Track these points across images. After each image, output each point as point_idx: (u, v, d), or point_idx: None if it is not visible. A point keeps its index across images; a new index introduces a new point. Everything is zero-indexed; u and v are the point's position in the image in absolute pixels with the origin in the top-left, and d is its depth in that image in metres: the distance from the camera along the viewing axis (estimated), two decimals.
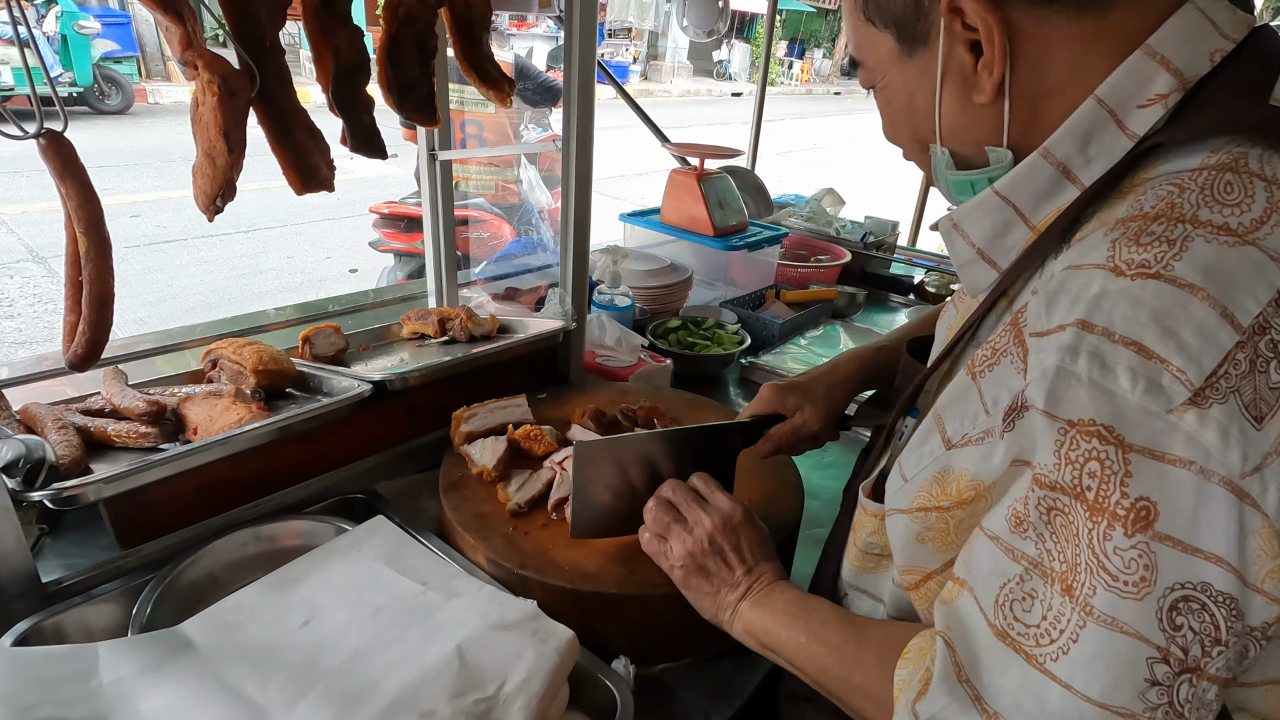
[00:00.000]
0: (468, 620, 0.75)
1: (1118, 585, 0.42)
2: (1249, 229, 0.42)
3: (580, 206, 1.20)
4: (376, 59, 1.09)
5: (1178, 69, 0.51)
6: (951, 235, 0.63)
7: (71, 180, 0.82)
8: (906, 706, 0.52)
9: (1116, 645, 0.42)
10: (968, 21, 0.54)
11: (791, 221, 2.36)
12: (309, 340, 1.23)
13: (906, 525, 0.59)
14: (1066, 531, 0.44)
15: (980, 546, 0.51)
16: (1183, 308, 0.41)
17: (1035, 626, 0.45)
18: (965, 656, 0.49)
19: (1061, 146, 0.54)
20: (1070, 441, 0.43)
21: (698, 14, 2.27)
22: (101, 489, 0.77)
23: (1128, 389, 0.41)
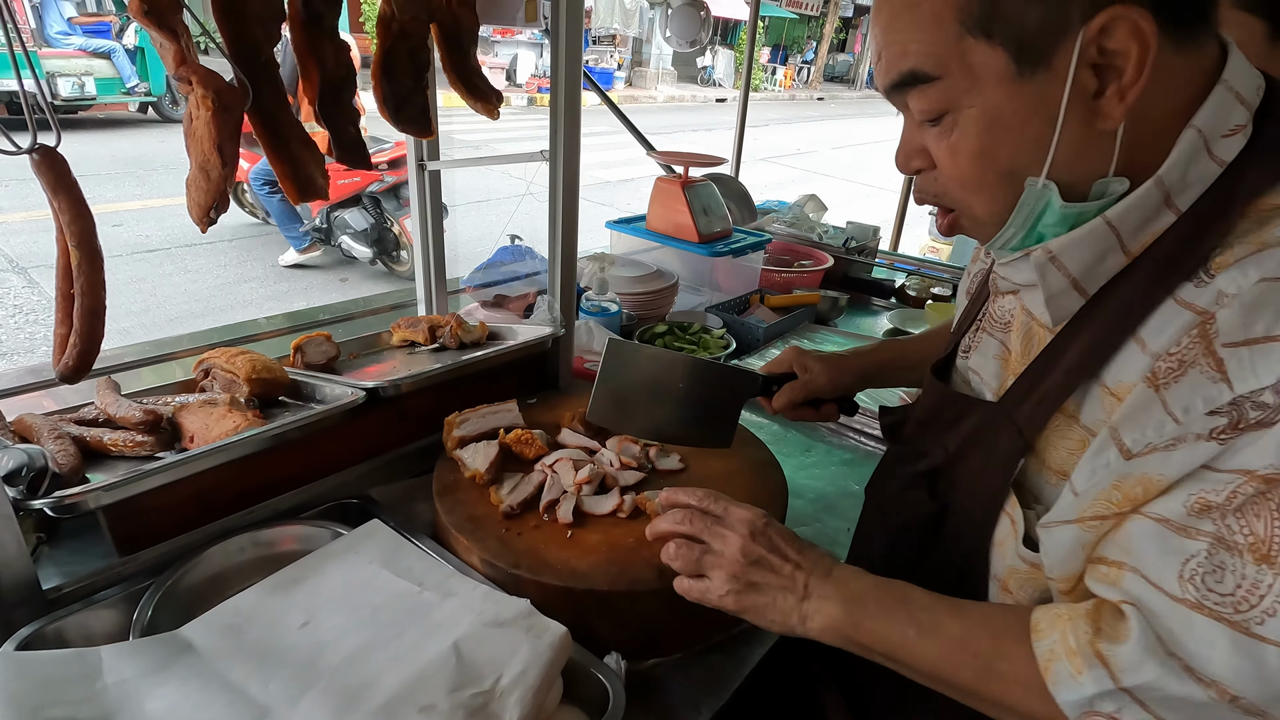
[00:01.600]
0: (463, 618, 0.78)
1: None
2: None
3: (568, 215, 1.23)
4: (371, 73, 1.11)
5: (1248, 101, 0.56)
6: (1046, 268, 0.61)
7: (64, 194, 0.83)
8: (1071, 674, 0.53)
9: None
10: (1108, 45, 0.52)
11: (775, 227, 2.41)
12: (300, 349, 1.24)
13: (1075, 535, 0.59)
14: (1259, 510, 0.48)
15: (1142, 529, 0.53)
16: None
17: (1230, 595, 0.48)
18: (1161, 627, 0.51)
19: (1171, 175, 0.56)
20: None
21: (680, 25, 2.32)
22: (101, 496, 0.78)
23: None
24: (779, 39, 21.70)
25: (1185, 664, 0.50)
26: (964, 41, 0.56)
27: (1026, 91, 0.55)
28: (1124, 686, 0.52)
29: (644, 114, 14.25)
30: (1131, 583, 0.53)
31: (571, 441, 1.10)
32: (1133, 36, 0.51)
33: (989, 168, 0.60)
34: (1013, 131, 0.57)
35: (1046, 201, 0.59)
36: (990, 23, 0.54)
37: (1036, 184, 0.58)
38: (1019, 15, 0.53)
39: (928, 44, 0.57)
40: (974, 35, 0.55)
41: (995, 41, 0.55)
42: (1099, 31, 0.52)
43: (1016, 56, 0.55)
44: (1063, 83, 0.54)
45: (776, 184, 8.34)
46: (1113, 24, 0.51)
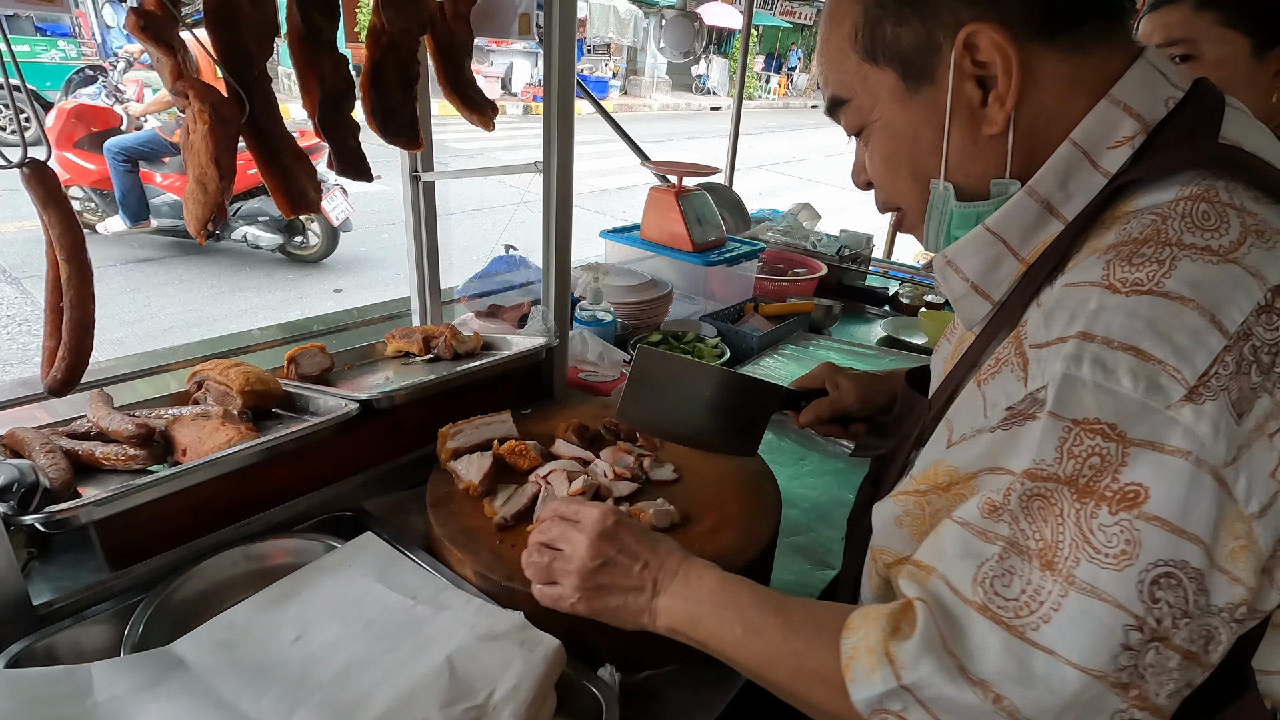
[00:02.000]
0: (457, 632, 0.77)
1: (1099, 558, 0.46)
2: (1229, 249, 0.48)
3: (561, 227, 1.24)
4: (360, 85, 1.12)
5: (1139, 114, 0.57)
6: (945, 271, 0.66)
7: (54, 209, 0.84)
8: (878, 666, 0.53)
9: (1096, 611, 0.46)
10: (979, 57, 0.58)
11: (769, 236, 2.42)
12: (294, 360, 1.24)
13: (890, 509, 0.63)
14: (1046, 514, 0.48)
15: (949, 533, 0.54)
16: (1175, 316, 0.46)
17: (1014, 599, 0.49)
18: (946, 627, 0.51)
19: (1044, 184, 0.59)
20: (1074, 439, 0.48)
21: (674, 36, 2.34)
22: (93, 511, 0.78)
23: (1130, 388, 0.46)
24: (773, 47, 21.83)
25: (960, 663, 0.50)
26: (862, 67, 0.64)
27: (917, 104, 0.62)
28: (904, 684, 0.51)
29: (639, 122, 14.31)
30: (934, 584, 0.54)
31: (565, 453, 1.10)
32: (995, 49, 0.57)
33: (897, 171, 0.67)
34: (910, 139, 0.64)
35: (949, 202, 0.64)
36: (875, 49, 0.62)
37: (938, 185, 0.64)
38: (896, 40, 0.61)
39: (838, 73, 0.66)
40: (868, 61, 0.63)
41: (883, 64, 0.63)
42: (965, 47, 0.58)
43: (903, 75, 0.62)
44: (945, 93, 0.60)
45: (771, 191, 8.38)
46: (974, 39, 0.57)
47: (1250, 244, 0.48)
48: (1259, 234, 0.48)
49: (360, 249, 5.62)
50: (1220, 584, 0.46)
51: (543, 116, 1.19)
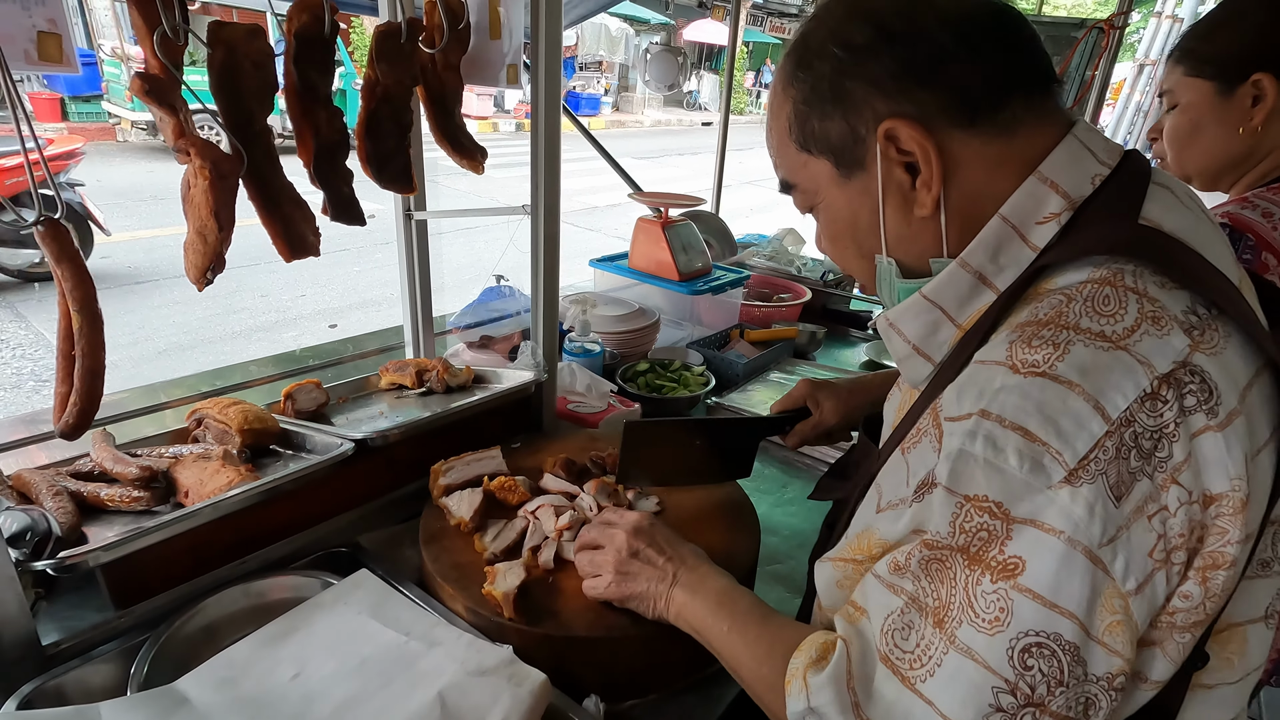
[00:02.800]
0: (448, 668, 0.81)
1: (977, 622, 0.50)
2: (1121, 336, 0.50)
3: (549, 267, 1.28)
4: (356, 134, 1.17)
5: (1065, 191, 0.59)
6: (889, 333, 0.69)
7: (67, 263, 0.88)
8: (798, 690, 0.60)
9: (968, 671, 0.50)
10: (902, 147, 0.61)
11: (754, 261, 2.47)
12: (291, 396, 1.28)
13: (830, 572, 0.67)
14: (942, 575, 0.52)
15: (869, 584, 0.59)
16: (1062, 400, 0.48)
17: (910, 653, 0.53)
18: (857, 667, 0.57)
19: (975, 257, 0.62)
20: (965, 514, 0.51)
21: (659, 70, 2.41)
22: (100, 556, 0.82)
23: (1015, 467, 0.48)
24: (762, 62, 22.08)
25: (856, 701, 0.56)
26: (800, 156, 0.69)
27: (852, 189, 0.66)
28: (811, 705, 0.58)
29: (631, 138, 14.44)
30: (864, 625, 0.59)
31: (553, 487, 1.14)
32: (914, 140, 0.60)
33: (844, 248, 0.72)
34: (850, 220, 0.68)
35: (892, 275, 0.68)
36: (808, 141, 0.67)
37: (881, 260, 0.69)
38: (825, 133, 0.65)
39: (782, 161, 0.72)
40: (804, 151, 0.68)
41: (817, 153, 0.67)
42: (887, 139, 0.61)
43: (836, 163, 0.66)
44: (876, 180, 0.64)
45: (761, 208, 8.46)
46: (893, 133, 0.61)
47: (1143, 330, 0.49)
48: (1155, 320, 0.50)
49: (354, 269, 5.66)
50: (1098, 655, 0.48)
51: (530, 162, 1.24)
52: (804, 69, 0.65)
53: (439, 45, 1.18)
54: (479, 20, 1.26)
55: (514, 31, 1.26)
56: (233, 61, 0.95)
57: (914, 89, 0.60)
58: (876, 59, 0.61)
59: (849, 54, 0.62)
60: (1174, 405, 0.48)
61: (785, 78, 0.68)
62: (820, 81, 0.64)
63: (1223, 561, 0.49)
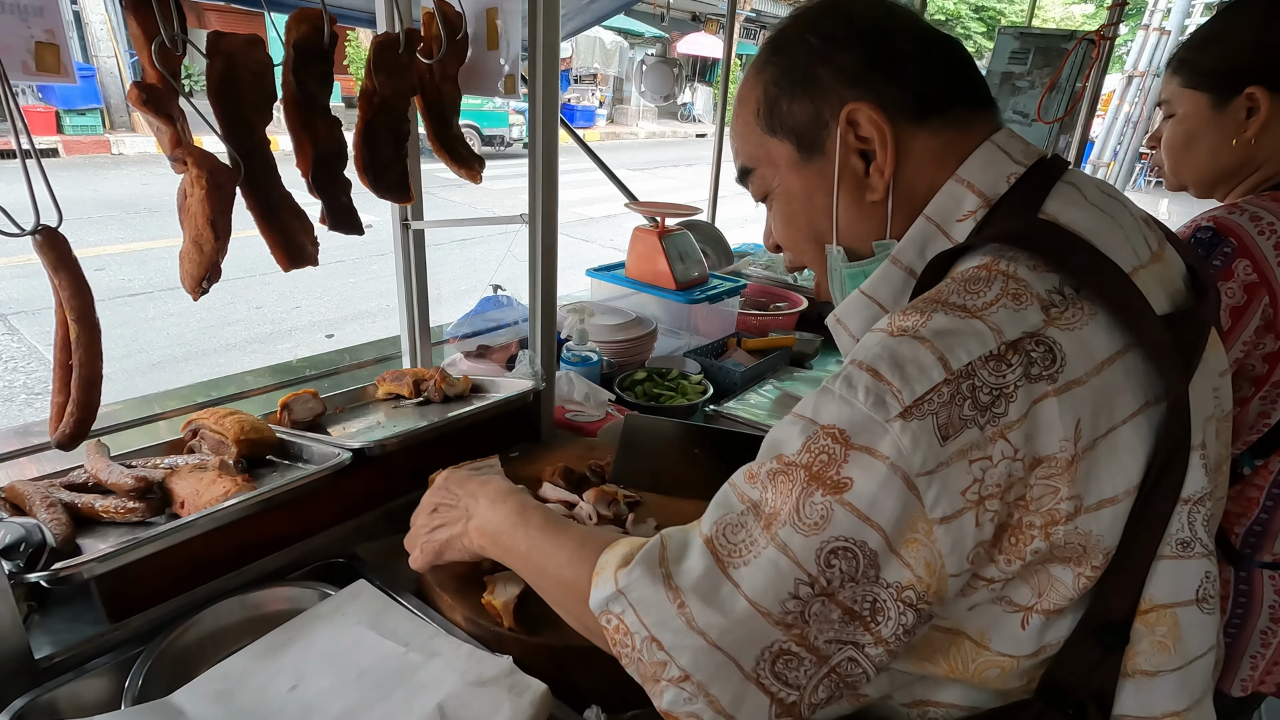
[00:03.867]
0: (448, 679, 0.80)
1: (799, 525, 0.54)
2: (980, 309, 0.55)
3: (547, 276, 1.29)
4: (354, 144, 1.17)
5: (981, 190, 0.65)
6: (838, 330, 0.74)
7: (65, 273, 0.87)
8: (608, 578, 0.62)
9: (779, 563, 0.54)
10: (861, 133, 0.67)
11: (751, 270, 2.48)
12: (288, 406, 1.27)
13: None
14: (781, 487, 0.56)
15: (720, 491, 0.62)
16: (913, 351, 0.54)
17: (734, 544, 0.57)
18: (672, 552, 0.60)
19: (905, 254, 0.68)
20: (815, 438, 0.56)
21: (655, 81, 2.42)
22: (95, 567, 0.81)
23: (861, 401, 0.54)
24: None
25: (668, 572, 0.59)
26: (765, 139, 0.73)
27: (810, 171, 0.71)
28: (619, 587, 0.61)
29: (626, 150, 14.52)
30: (690, 527, 0.62)
31: (552, 496, 1.14)
32: (873, 125, 0.66)
33: (796, 233, 0.76)
34: (805, 202, 0.73)
35: (841, 263, 0.72)
36: (774, 122, 0.71)
37: (832, 249, 0.73)
38: (791, 115, 0.70)
39: (745, 145, 0.75)
40: (769, 134, 0.72)
41: (781, 136, 0.71)
42: (847, 123, 0.66)
43: (798, 145, 0.71)
44: (834, 164, 0.69)
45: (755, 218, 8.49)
46: (854, 116, 0.66)
47: (1001, 304, 0.55)
48: (1015, 297, 0.55)
49: (350, 280, 5.66)
50: (893, 565, 0.53)
51: (528, 171, 1.24)
52: (778, 54, 0.71)
53: (437, 56, 1.19)
54: (476, 31, 1.26)
55: (511, 42, 1.27)
56: (232, 72, 0.95)
57: (877, 81, 0.66)
58: (846, 50, 0.67)
59: (822, 43, 0.68)
60: (1018, 369, 0.53)
61: (759, 64, 0.73)
62: (793, 66, 0.69)
63: (1058, 518, 0.53)
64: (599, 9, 2.44)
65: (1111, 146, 11.97)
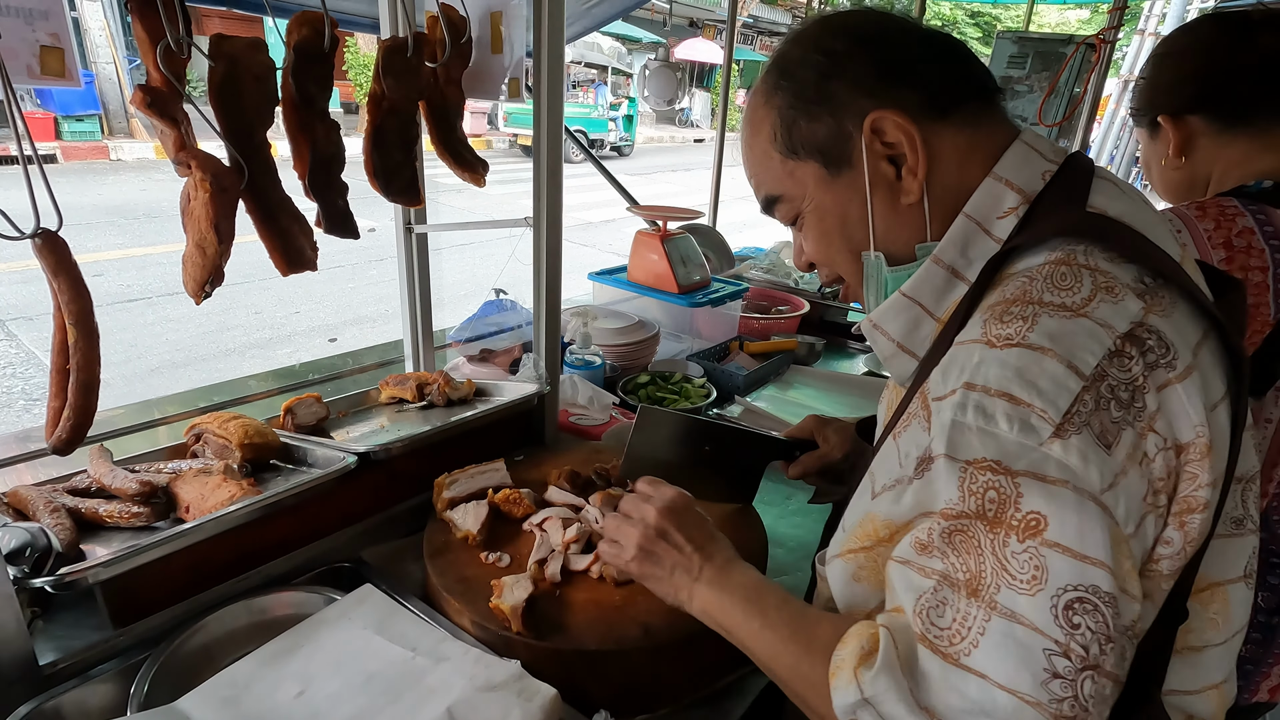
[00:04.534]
0: (456, 683, 0.80)
1: (1015, 584, 0.50)
2: (1080, 305, 0.54)
3: (551, 278, 1.28)
4: (363, 148, 1.17)
5: (1020, 188, 0.66)
6: (874, 334, 0.72)
7: (64, 276, 0.87)
8: (848, 679, 0.57)
9: (1016, 634, 0.49)
10: (887, 139, 0.66)
11: (752, 274, 2.48)
12: (291, 411, 1.27)
13: (842, 568, 0.67)
14: (967, 546, 0.53)
15: (893, 572, 0.59)
16: (1038, 364, 0.52)
17: (947, 629, 0.53)
18: (903, 652, 0.55)
19: (947, 253, 0.67)
20: (970, 477, 0.53)
21: (658, 86, 2.43)
22: (100, 572, 0.80)
23: (1006, 430, 0.51)
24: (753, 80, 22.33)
25: (911, 688, 0.54)
26: (787, 164, 0.72)
27: (841, 185, 0.70)
28: (866, 696, 0.56)
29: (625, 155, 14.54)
30: (898, 619, 0.58)
31: (558, 499, 1.13)
32: (899, 129, 0.65)
33: (831, 247, 0.74)
34: (840, 216, 0.72)
35: (881, 269, 0.71)
36: (795, 144, 0.71)
37: (870, 256, 0.72)
38: (812, 134, 0.69)
39: (767, 174, 0.75)
40: (791, 158, 0.72)
41: (804, 157, 0.71)
42: (872, 131, 0.66)
43: (824, 163, 0.70)
44: (864, 173, 0.68)
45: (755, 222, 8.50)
46: (878, 124, 0.66)
47: (1100, 299, 0.54)
48: (1108, 290, 0.55)
49: (349, 285, 5.65)
50: (1125, 605, 0.50)
51: (533, 174, 1.24)
52: (787, 78, 0.70)
53: (441, 60, 1.18)
54: (480, 35, 1.26)
55: (515, 46, 1.27)
56: (234, 74, 0.95)
57: (892, 86, 0.66)
58: (857, 61, 0.67)
59: (830, 58, 0.68)
60: (1139, 360, 0.52)
61: (766, 90, 0.72)
62: (805, 86, 0.69)
63: (1196, 505, 0.52)
64: (600, 13, 2.44)
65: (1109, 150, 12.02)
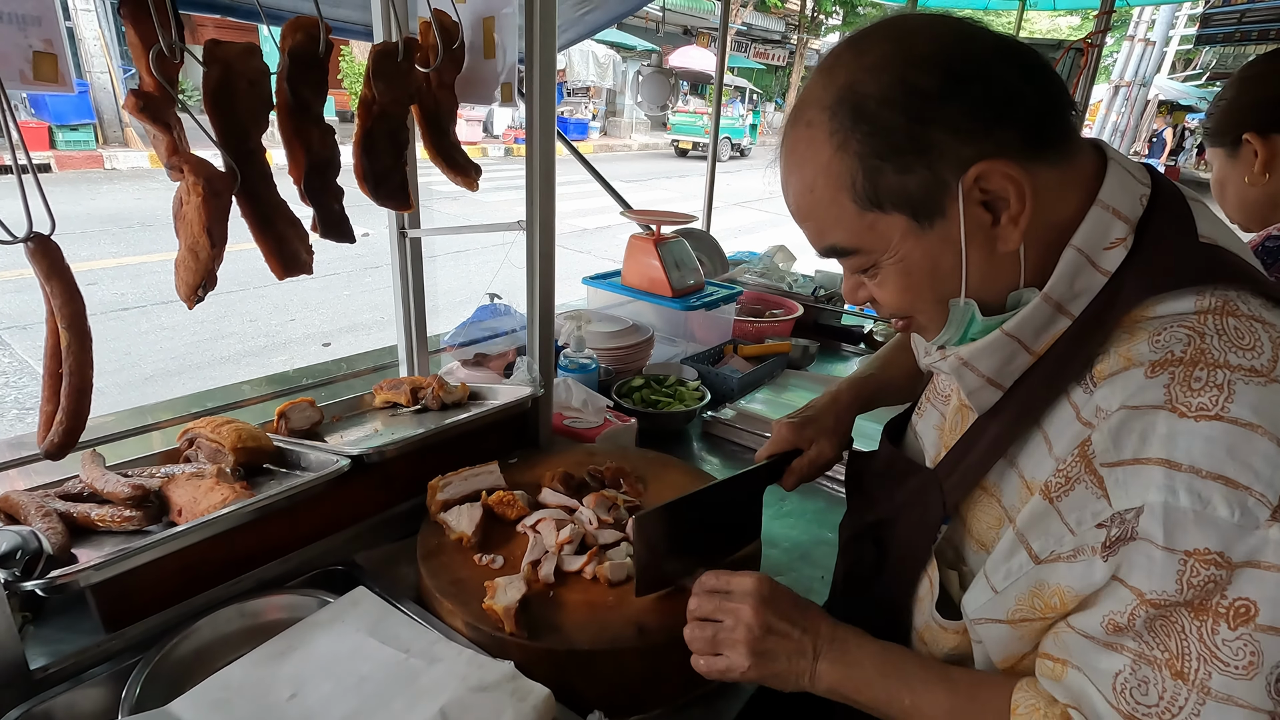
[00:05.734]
0: (449, 684, 0.80)
1: (1230, 670, 0.51)
2: (1269, 369, 0.53)
3: (545, 282, 1.29)
4: (354, 152, 1.17)
5: (1126, 216, 0.63)
6: (961, 372, 0.69)
7: (57, 280, 0.87)
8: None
9: (1234, 716, 0.50)
10: (987, 187, 0.60)
11: (746, 278, 2.49)
12: (285, 415, 1.27)
13: (1009, 633, 0.65)
14: (1168, 630, 0.53)
15: (1074, 641, 0.58)
16: (1248, 443, 0.51)
17: (1155, 706, 0.53)
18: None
19: (1058, 289, 0.63)
20: (1190, 569, 0.52)
21: (651, 91, 2.45)
22: (91, 575, 0.80)
23: (1226, 516, 0.51)
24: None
25: None
26: (865, 216, 0.64)
27: (932, 238, 0.64)
28: None
29: (619, 162, 14.58)
30: (1074, 678, 0.58)
31: (552, 501, 1.13)
32: (1008, 180, 0.60)
33: (916, 299, 0.69)
34: (929, 270, 0.66)
35: (971, 314, 0.67)
36: (880, 197, 0.63)
37: (959, 303, 0.67)
38: (901, 187, 0.62)
39: (836, 224, 0.66)
40: (872, 209, 0.64)
41: (890, 210, 0.63)
42: (974, 181, 0.60)
43: (914, 215, 0.63)
44: (958, 224, 0.62)
45: (749, 228, 8.53)
46: (986, 174, 0.60)
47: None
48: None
49: (345, 292, 5.65)
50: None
51: (526, 178, 1.25)
52: (866, 121, 0.61)
53: (433, 64, 1.19)
54: (473, 40, 1.27)
55: (507, 51, 1.28)
56: (228, 79, 0.95)
57: (994, 127, 0.60)
58: (954, 102, 0.59)
59: (923, 101, 0.59)
60: None
61: (836, 132, 0.62)
62: (893, 133, 0.60)
63: None
64: (593, 21, 2.46)
65: None
